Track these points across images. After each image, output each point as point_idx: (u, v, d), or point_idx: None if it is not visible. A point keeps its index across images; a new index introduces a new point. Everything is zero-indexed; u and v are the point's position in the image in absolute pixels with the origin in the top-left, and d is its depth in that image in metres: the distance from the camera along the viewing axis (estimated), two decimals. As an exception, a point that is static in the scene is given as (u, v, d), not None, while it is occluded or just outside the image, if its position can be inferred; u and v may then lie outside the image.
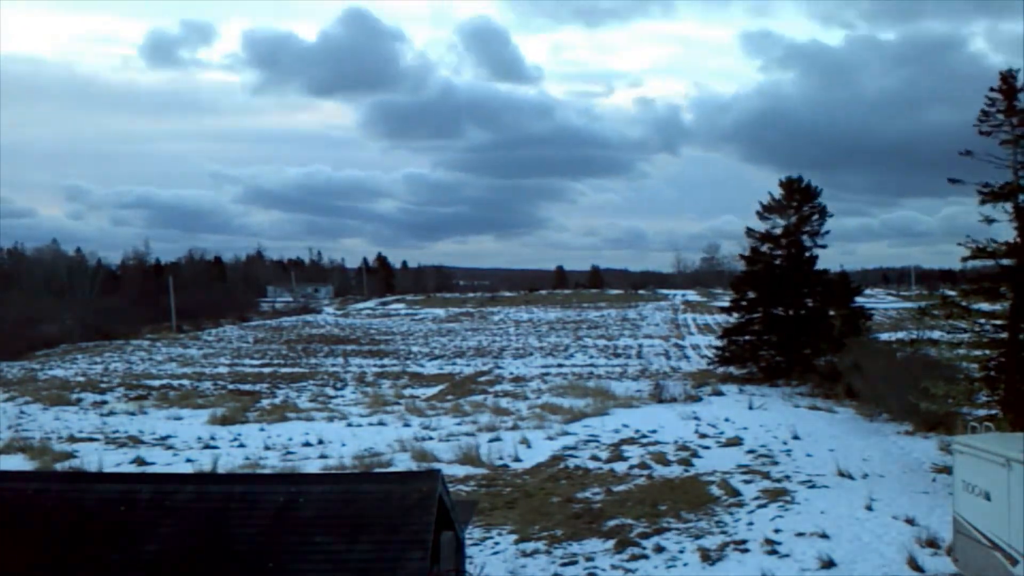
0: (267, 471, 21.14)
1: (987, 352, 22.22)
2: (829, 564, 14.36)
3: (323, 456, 24.09)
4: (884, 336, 38.34)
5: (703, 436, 26.22)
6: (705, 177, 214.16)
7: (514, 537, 16.54)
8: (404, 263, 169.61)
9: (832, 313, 38.39)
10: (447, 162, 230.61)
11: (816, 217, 40.67)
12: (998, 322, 22.13)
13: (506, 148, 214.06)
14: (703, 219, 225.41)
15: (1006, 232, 21.69)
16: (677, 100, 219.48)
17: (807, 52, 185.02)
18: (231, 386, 40.53)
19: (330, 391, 38.57)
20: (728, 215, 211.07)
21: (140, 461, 24.02)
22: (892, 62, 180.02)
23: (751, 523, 16.93)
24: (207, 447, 26.04)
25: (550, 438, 26.54)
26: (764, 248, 41.37)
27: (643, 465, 22.46)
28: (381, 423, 29.81)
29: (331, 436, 27.00)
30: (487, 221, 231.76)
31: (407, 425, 29.25)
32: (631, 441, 25.77)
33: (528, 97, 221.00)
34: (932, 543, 14.94)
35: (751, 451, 23.86)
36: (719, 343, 42.78)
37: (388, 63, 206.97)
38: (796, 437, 25.27)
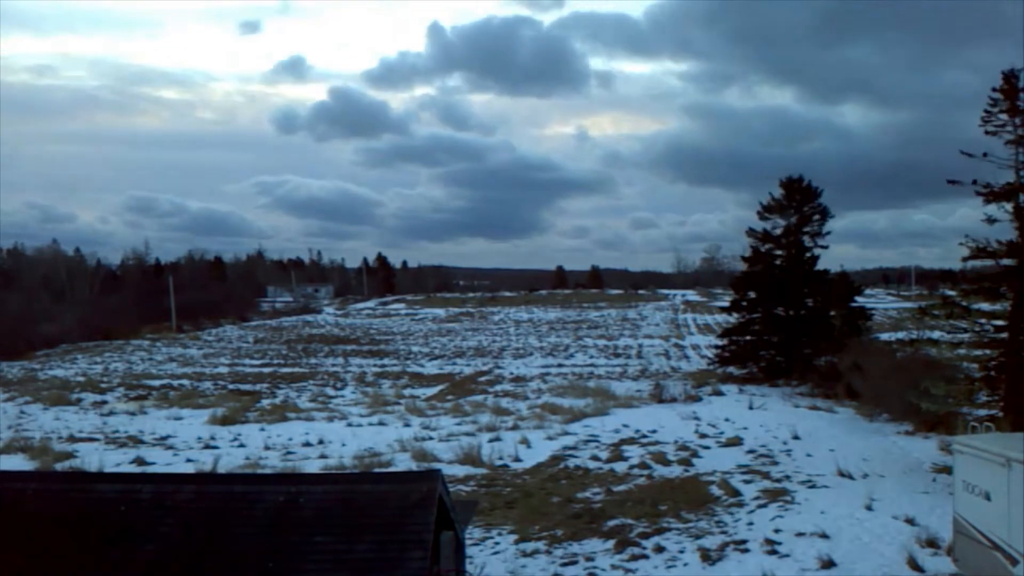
0: (267, 471, 21.12)
1: (987, 352, 22.24)
2: (829, 564, 14.36)
3: (323, 456, 24.09)
4: (884, 336, 38.37)
5: (703, 436, 26.23)
6: (658, 189, 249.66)
7: (514, 537, 16.54)
8: (404, 263, 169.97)
9: (832, 313, 38.40)
10: (436, 180, 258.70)
11: (816, 217, 40.64)
12: (998, 322, 22.14)
13: (486, 174, 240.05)
14: (680, 219, 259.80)
15: (1004, 232, 21.72)
16: (619, 136, 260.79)
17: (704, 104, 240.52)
18: (231, 386, 40.53)
19: (330, 391, 38.58)
20: (697, 214, 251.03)
21: (140, 461, 24.02)
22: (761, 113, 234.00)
23: (751, 523, 16.94)
24: (207, 447, 26.04)
25: (550, 438, 26.54)
26: (764, 248, 41.36)
27: (643, 465, 22.47)
28: (381, 423, 29.81)
29: (331, 436, 27.00)
30: (485, 224, 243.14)
31: (407, 425, 29.25)
32: (631, 441, 25.77)
33: (491, 142, 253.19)
34: (932, 543, 14.94)
35: (751, 451, 23.86)
36: (719, 343, 42.79)
37: (370, 122, 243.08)
38: (796, 437, 25.27)
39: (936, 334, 25.73)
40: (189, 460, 23.90)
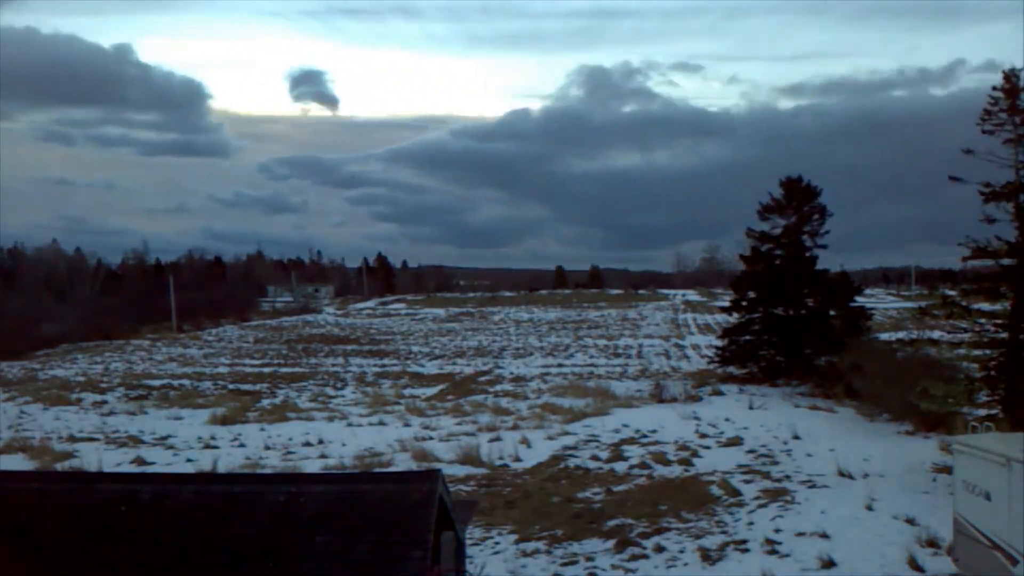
0: (267, 471, 21.13)
1: (987, 352, 22.21)
2: (829, 564, 14.36)
3: (323, 456, 24.11)
4: (884, 336, 38.31)
5: (703, 436, 26.22)
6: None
7: (514, 537, 16.54)
8: (404, 263, 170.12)
9: (832, 313, 38.37)
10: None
11: (816, 217, 40.61)
12: (998, 322, 22.12)
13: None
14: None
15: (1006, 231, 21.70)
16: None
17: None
18: (231, 386, 40.54)
19: (330, 391, 38.59)
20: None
21: (140, 461, 24.04)
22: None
23: (751, 523, 16.94)
24: (207, 447, 26.05)
25: (550, 438, 26.55)
26: (764, 248, 41.33)
27: (643, 465, 22.47)
28: (381, 423, 29.82)
29: (331, 436, 27.02)
30: (484, 225, 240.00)
31: (407, 425, 29.26)
32: (631, 441, 25.77)
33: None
34: (932, 543, 14.95)
35: (751, 451, 23.86)
36: (719, 343, 42.74)
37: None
38: (796, 437, 25.27)
39: (936, 334, 25.73)
40: (189, 460, 23.92)
